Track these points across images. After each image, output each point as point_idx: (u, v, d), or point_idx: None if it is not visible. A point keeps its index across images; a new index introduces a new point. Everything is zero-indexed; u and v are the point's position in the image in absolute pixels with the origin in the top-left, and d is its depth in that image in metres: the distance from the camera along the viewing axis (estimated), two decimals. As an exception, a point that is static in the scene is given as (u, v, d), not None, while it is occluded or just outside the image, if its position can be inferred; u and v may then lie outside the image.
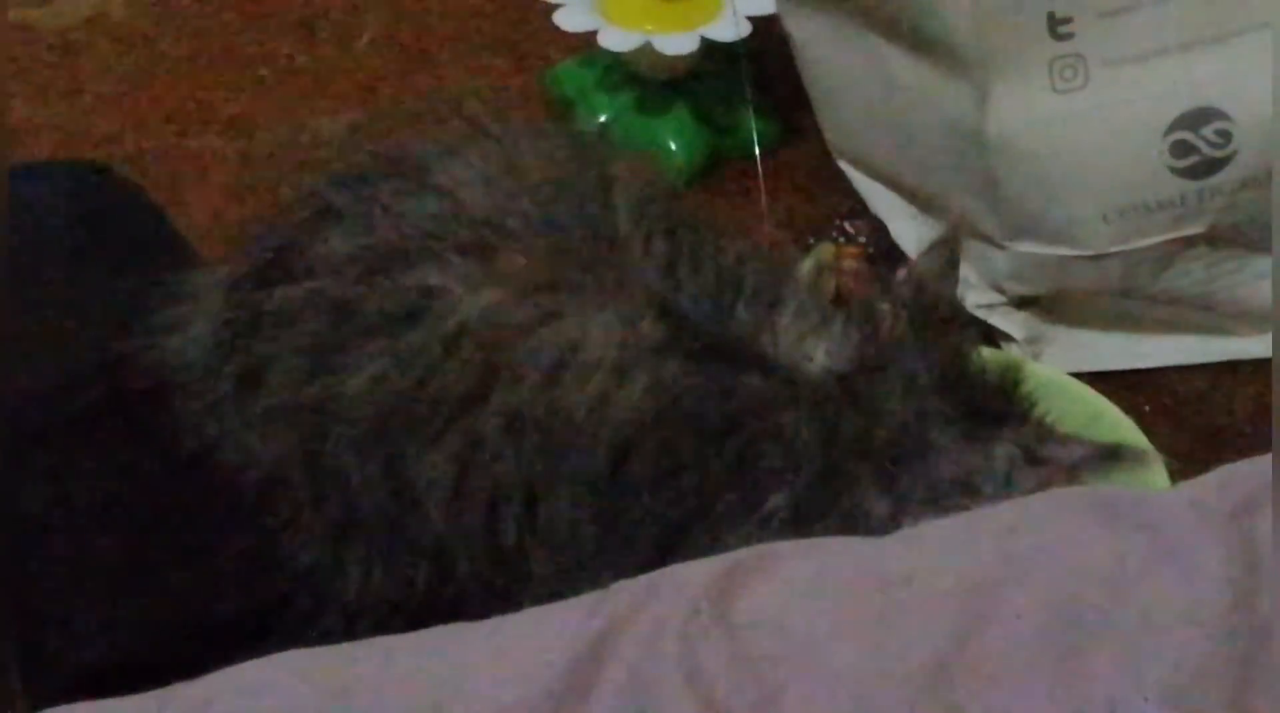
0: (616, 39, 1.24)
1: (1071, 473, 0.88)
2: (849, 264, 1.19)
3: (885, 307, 0.91)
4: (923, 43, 1.10)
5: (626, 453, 0.87)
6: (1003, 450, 0.88)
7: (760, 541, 0.80)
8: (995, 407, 0.90)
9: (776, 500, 0.87)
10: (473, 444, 0.87)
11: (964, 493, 0.87)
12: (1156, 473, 1.00)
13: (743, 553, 0.78)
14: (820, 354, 0.89)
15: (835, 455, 0.87)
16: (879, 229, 1.22)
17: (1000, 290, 1.16)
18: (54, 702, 0.77)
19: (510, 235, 0.88)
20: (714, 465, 0.87)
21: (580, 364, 0.86)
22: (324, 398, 0.89)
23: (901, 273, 0.94)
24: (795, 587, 0.75)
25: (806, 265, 1.01)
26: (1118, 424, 1.04)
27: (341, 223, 0.90)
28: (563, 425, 0.86)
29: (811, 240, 1.22)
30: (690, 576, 0.77)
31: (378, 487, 0.89)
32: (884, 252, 1.20)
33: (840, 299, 0.92)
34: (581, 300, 0.87)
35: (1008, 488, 0.87)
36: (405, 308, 0.87)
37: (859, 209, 1.23)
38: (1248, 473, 0.78)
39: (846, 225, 1.23)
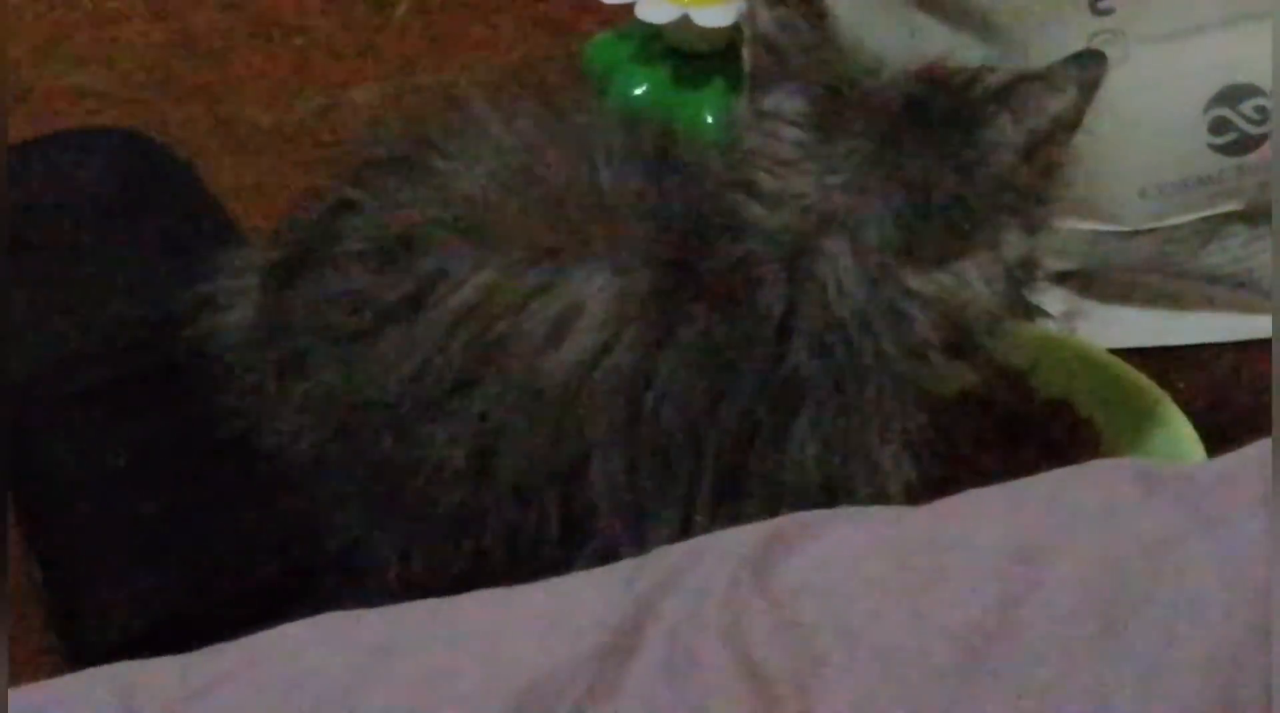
0: (654, 11, 1.24)
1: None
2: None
3: None
4: (962, 17, 1.10)
5: (646, 404, 0.88)
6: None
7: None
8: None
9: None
10: (482, 418, 0.89)
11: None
12: (1192, 447, 1.00)
13: (783, 520, 0.78)
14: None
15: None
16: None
17: (1037, 265, 1.16)
18: (94, 663, 0.78)
19: (504, 211, 0.90)
20: (743, 389, 0.89)
21: (581, 326, 0.88)
22: (350, 387, 0.91)
23: None
24: (837, 555, 0.76)
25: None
26: (1154, 399, 1.04)
27: (356, 216, 0.93)
28: (571, 389, 0.88)
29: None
30: (731, 543, 0.77)
31: (405, 466, 0.91)
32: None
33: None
34: (576, 264, 0.89)
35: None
36: (414, 294, 0.90)
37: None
38: (1286, 447, 0.78)
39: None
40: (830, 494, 0.90)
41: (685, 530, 0.88)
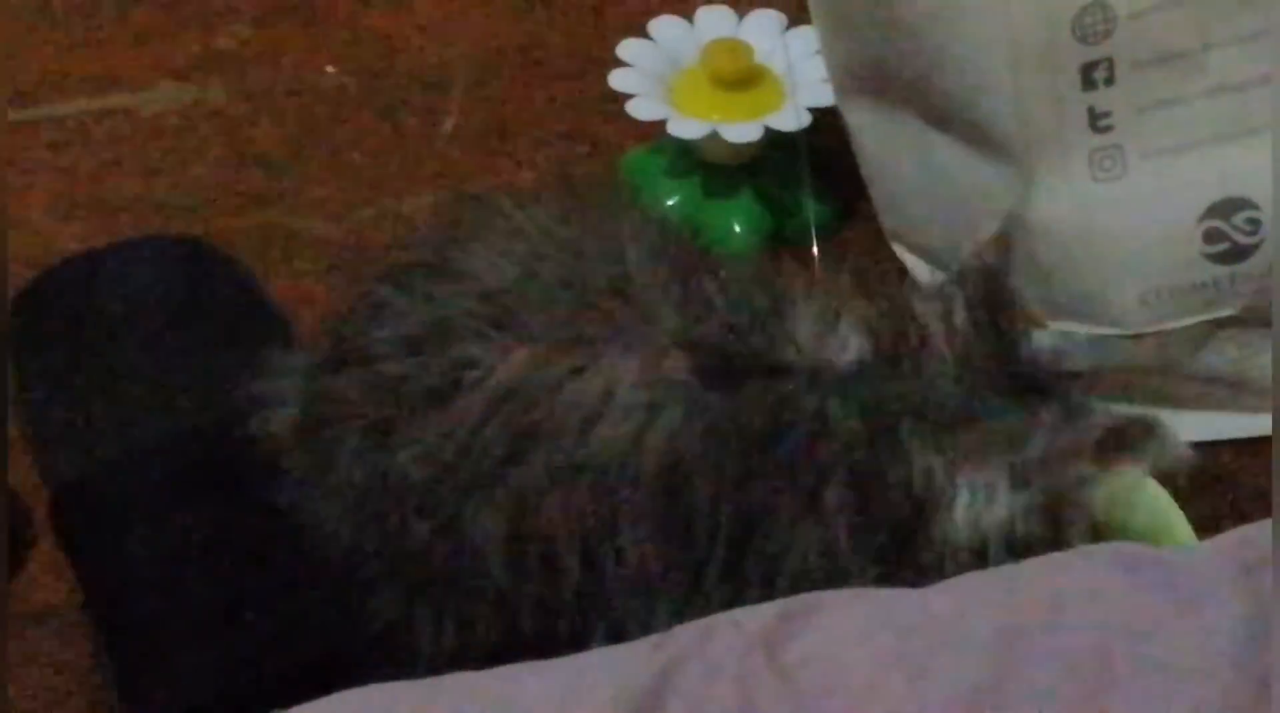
0: (685, 128, 1.29)
1: (1104, 438, 0.93)
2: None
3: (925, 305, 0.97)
4: (970, 134, 1.16)
5: (677, 482, 0.92)
6: (1047, 412, 0.94)
7: (824, 534, 0.89)
8: (1043, 380, 0.96)
9: (833, 493, 0.93)
10: (520, 500, 0.93)
11: (1010, 450, 0.93)
12: (1186, 537, 1.05)
13: (794, 600, 0.84)
14: (851, 344, 0.94)
15: (882, 426, 0.93)
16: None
17: (1043, 367, 1.20)
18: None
19: (531, 304, 0.94)
20: (767, 472, 0.93)
21: (613, 410, 0.92)
22: (384, 474, 0.95)
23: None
24: (844, 629, 0.81)
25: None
26: (1153, 494, 1.08)
27: (389, 313, 0.98)
28: (608, 468, 0.92)
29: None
30: (745, 620, 0.82)
31: (439, 550, 0.95)
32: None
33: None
34: (606, 351, 0.93)
35: (1050, 442, 0.93)
36: (445, 382, 0.94)
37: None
38: (1264, 531, 0.83)
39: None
40: (828, 579, 0.92)
41: (684, 608, 0.91)
